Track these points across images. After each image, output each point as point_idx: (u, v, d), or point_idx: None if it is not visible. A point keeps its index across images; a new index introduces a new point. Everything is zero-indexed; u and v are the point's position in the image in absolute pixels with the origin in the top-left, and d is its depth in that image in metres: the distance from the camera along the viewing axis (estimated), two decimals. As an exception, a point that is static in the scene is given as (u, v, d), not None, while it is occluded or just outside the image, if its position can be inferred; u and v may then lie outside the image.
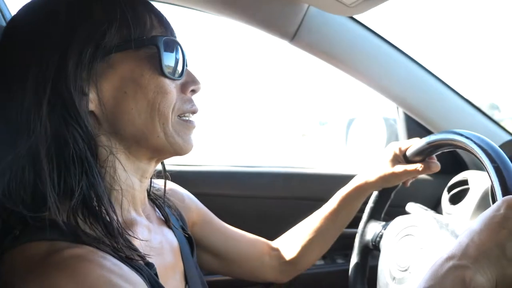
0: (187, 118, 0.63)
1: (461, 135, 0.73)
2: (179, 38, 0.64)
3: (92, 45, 0.55)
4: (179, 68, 0.61)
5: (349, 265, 0.98)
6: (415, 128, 1.23)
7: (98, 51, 0.55)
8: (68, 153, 0.53)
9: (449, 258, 0.53)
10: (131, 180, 0.62)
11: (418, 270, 0.74)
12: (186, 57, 0.64)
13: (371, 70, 1.08)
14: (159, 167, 0.71)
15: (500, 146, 1.08)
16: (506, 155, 1.03)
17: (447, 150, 0.81)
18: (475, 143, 0.67)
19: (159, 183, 0.78)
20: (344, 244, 1.15)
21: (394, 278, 0.79)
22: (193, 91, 0.64)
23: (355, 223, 1.00)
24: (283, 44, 1.06)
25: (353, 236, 1.00)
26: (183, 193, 0.87)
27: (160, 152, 0.62)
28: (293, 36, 1.03)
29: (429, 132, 1.19)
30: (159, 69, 0.58)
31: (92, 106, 0.57)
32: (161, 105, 0.59)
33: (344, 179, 1.12)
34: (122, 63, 0.57)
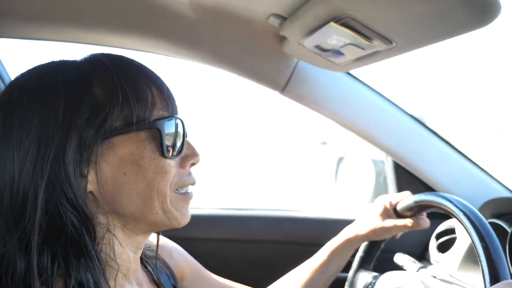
0: (184, 191, 0.63)
1: (450, 201, 0.74)
2: (178, 109, 0.63)
3: (93, 129, 0.54)
4: (178, 145, 0.61)
5: None
6: (403, 173, 1.24)
7: (99, 134, 0.55)
8: (65, 237, 0.52)
9: None
10: (127, 255, 0.61)
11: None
12: (186, 130, 0.63)
13: (360, 121, 1.10)
14: None
15: (490, 201, 1.11)
16: (498, 211, 1.06)
17: (435, 211, 0.83)
18: (465, 215, 0.68)
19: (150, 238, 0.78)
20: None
21: None
22: (193, 164, 0.64)
23: (344, 267, 1.01)
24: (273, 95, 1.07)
25: (341, 280, 1.00)
26: (171, 246, 0.86)
27: (158, 227, 0.62)
28: (284, 87, 1.04)
29: (417, 178, 1.21)
30: (160, 151, 0.58)
31: (90, 187, 0.56)
32: (160, 185, 0.58)
33: (335, 223, 1.13)
34: (122, 145, 0.56)
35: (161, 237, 0.84)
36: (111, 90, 0.56)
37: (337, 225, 1.05)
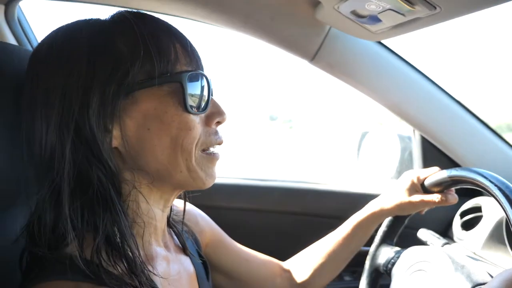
0: (211, 151, 0.62)
1: (486, 177, 0.72)
2: (204, 64, 0.62)
3: (115, 83, 0.54)
4: (204, 102, 0.60)
5: (355, 283, 0.98)
6: (430, 149, 1.21)
7: (121, 88, 0.54)
8: (92, 192, 0.53)
9: None
10: (153, 212, 0.61)
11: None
12: (212, 88, 0.62)
13: (390, 93, 1.07)
14: None
15: None
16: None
17: (468, 187, 0.81)
18: (499, 189, 0.66)
19: (176, 203, 0.78)
20: (352, 262, 1.15)
21: (405, 312, 0.78)
22: (218, 123, 0.63)
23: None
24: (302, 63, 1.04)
25: (363, 254, 1.00)
26: (196, 213, 0.87)
27: (183, 186, 0.62)
28: (314, 56, 1.02)
29: (444, 155, 1.18)
30: (183, 106, 0.57)
31: (115, 143, 0.56)
32: (185, 141, 0.57)
33: (358, 197, 1.12)
34: (145, 100, 0.56)
35: (188, 204, 0.85)
36: (134, 45, 0.55)
37: (360, 199, 1.04)
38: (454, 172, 0.80)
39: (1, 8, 1.06)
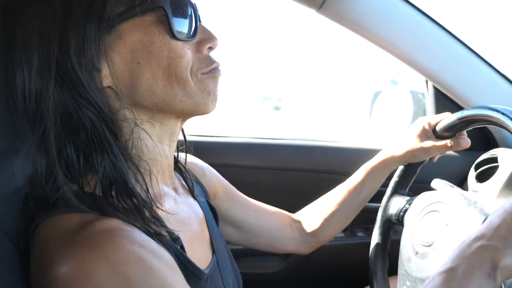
0: (208, 71, 0.59)
1: (497, 111, 0.70)
2: None
3: (93, 19, 0.51)
4: (192, 27, 0.57)
5: (369, 238, 0.98)
6: (445, 103, 1.18)
7: (102, 24, 0.52)
8: (85, 134, 0.52)
9: (478, 238, 0.52)
10: (158, 148, 0.61)
11: (443, 246, 0.73)
12: (198, 13, 0.59)
13: (401, 41, 1.04)
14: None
15: None
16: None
17: (479, 126, 0.79)
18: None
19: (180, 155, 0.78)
20: (365, 218, 1.15)
21: (417, 253, 0.78)
22: (210, 48, 0.60)
23: (377, 197, 1.00)
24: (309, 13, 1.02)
25: (375, 210, 0.99)
26: (203, 166, 0.87)
27: (187, 114, 0.61)
28: (321, 4, 0.99)
29: (459, 107, 1.15)
30: (170, 33, 0.54)
31: (107, 81, 0.55)
32: (178, 70, 0.56)
33: (367, 153, 1.11)
34: (129, 32, 0.53)
35: (193, 157, 0.86)
36: None
37: (370, 155, 1.03)
38: (464, 112, 0.78)
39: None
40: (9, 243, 0.51)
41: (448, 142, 0.84)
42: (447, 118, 0.84)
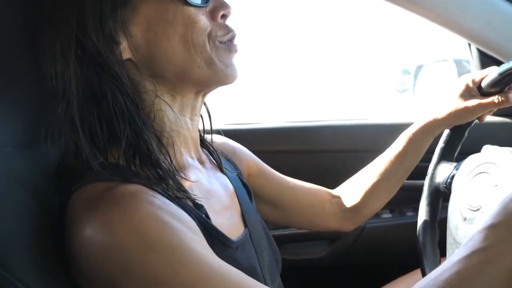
0: (225, 41, 0.60)
1: None
2: None
3: None
4: None
5: (394, 220, 0.92)
6: (492, 64, 1.09)
7: None
8: (107, 106, 0.54)
9: None
10: (180, 120, 0.61)
11: (491, 209, 0.66)
12: None
13: (439, 4, 0.97)
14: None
15: None
16: None
17: None
18: None
19: (208, 137, 0.77)
20: (413, 197, 1.08)
21: (465, 219, 0.72)
22: (224, 16, 0.60)
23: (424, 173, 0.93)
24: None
25: (422, 171, 0.92)
26: (234, 145, 0.86)
27: (205, 84, 0.61)
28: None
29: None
30: (182, 0, 0.55)
31: (127, 54, 0.56)
32: (194, 36, 0.56)
33: (405, 128, 1.05)
34: (143, 3, 0.55)
35: (224, 137, 0.85)
36: None
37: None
38: (506, 65, 0.71)
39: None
40: (46, 217, 0.54)
41: (495, 98, 0.77)
42: (492, 73, 0.77)
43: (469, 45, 1.14)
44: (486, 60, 1.11)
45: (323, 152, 1.26)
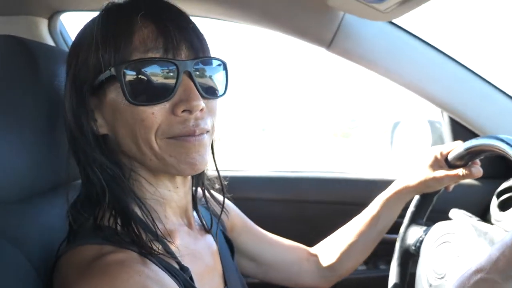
0: (177, 136, 0.59)
1: (502, 140, 0.71)
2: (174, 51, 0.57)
3: (88, 82, 0.60)
4: (159, 90, 0.57)
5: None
6: (461, 131, 1.19)
7: (93, 85, 0.60)
8: (91, 171, 0.61)
9: (478, 270, 0.52)
10: (159, 193, 0.65)
11: (454, 278, 0.72)
12: (181, 74, 0.57)
13: (411, 74, 1.07)
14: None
15: None
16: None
17: (489, 155, 0.79)
18: None
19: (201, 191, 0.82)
20: (387, 250, 1.13)
21: (430, 285, 0.78)
22: (187, 111, 0.58)
23: (398, 228, 0.99)
24: (319, 51, 1.07)
25: (391, 242, 0.99)
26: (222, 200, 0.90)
27: (163, 172, 0.63)
28: (330, 43, 1.04)
29: (475, 135, 1.15)
30: (126, 98, 0.57)
31: (103, 130, 0.62)
32: (141, 131, 0.58)
33: (384, 184, 1.12)
34: (108, 92, 0.59)
35: (213, 192, 0.89)
36: (91, 39, 0.59)
37: (387, 185, 1.03)
38: (473, 142, 0.79)
39: (45, 22, 1.18)
40: (35, 272, 0.57)
41: (460, 171, 0.85)
42: (458, 147, 0.85)
43: (441, 111, 1.22)
44: (456, 126, 1.20)
45: (307, 203, 1.32)
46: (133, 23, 0.57)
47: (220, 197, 0.89)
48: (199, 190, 0.78)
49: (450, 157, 0.87)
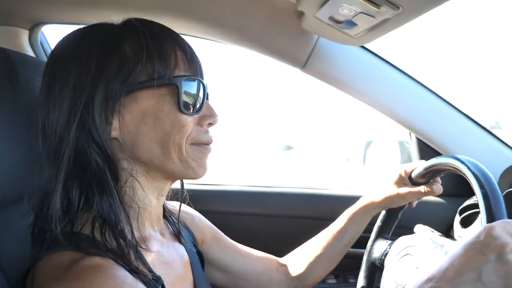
0: (201, 144, 0.68)
1: (458, 160, 0.76)
2: (204, 71, 0.70)
3: (118, 82, 0.62)
4: (198, 104, 0.67)
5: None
6: (427, 150, 1.25)
7: (123, 87, 0.62)
8: (90, 173, 0.61)
9: (429, 280, 0.56)
10: (148, 199, 0.68)
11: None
12: (207, 92, 0.69)
13: (380, 96, 1.13)
14: (175, 185, 0.77)
15: (508, 169, 1.10)
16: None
17: (447, 173, 0.85)
18: (468, 167, 0.70)
19: (173, 203, 0.85)
20: (356, 264, 1.17)
21: (392, 296, 0.82)
22: (210, 124, 0.69)
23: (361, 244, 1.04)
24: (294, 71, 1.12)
25: (358, 256, 1.03)
26: (193, 213, 0.93)
27: (176, 175, 0.69)
28: (304, 64, 1.09)
29: (440, 154, 1.22)
30: (178, 106, 0.64)
31: (115, 133, 0.64)
32: (176, 137, 0.64)
33: (353, 200, 1.16)
34: (145, 98, 0.63)
35: (184, 205, 0.92)
36: (138, 49, 0.63)
37: (356, 201, 1.08)
38: (433, 161, 0.85)
39: (25, 33, 1.20)
40: (5, 280, 0.58)
41: (422, 188, 0.90)
42: (420, 166, 0.90)
43: (409, 132, 1.29)
44: (422, 146, 1.26)
45: (281, 217, 1.35)
46: (173, 43, 0.66)
47: (186, 207, 0.92)
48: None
49: (413, 175, 0.92)
